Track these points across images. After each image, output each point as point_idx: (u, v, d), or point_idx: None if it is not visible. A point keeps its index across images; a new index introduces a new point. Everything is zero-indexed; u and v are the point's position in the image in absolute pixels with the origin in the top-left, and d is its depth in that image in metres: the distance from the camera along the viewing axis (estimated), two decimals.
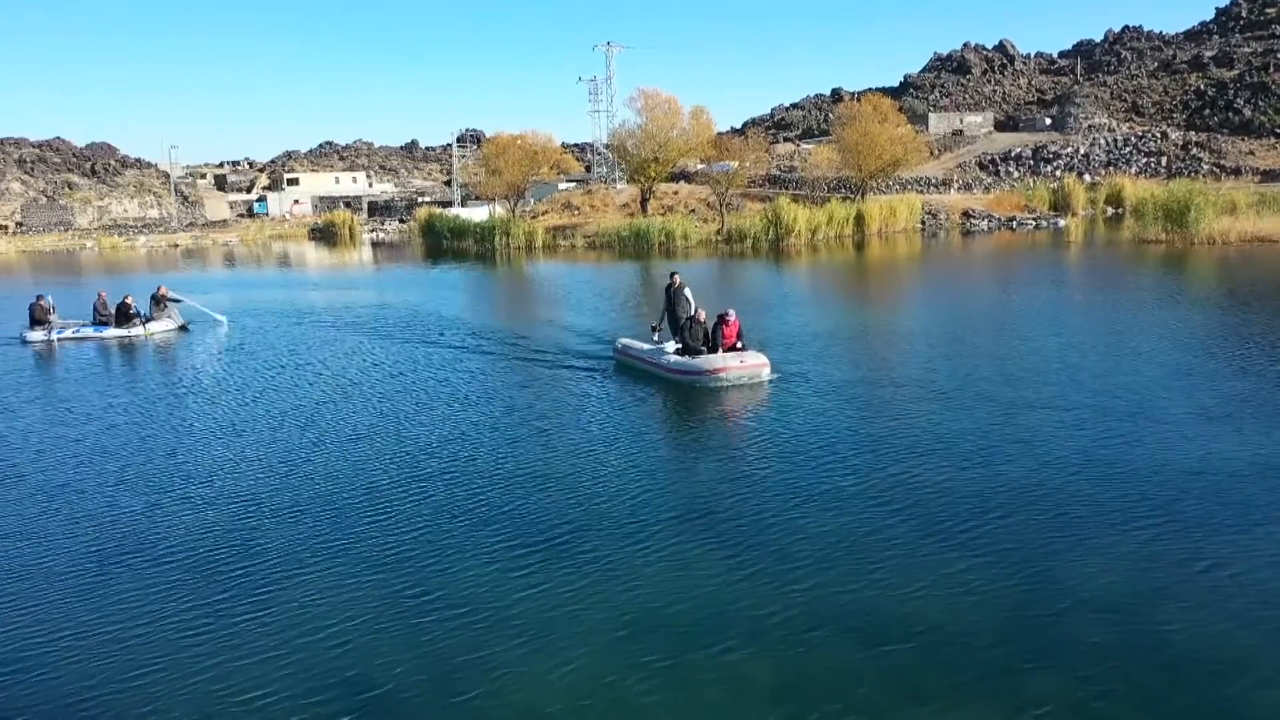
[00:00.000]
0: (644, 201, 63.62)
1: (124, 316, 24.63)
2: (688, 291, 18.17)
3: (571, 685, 6.84)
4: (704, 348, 16.52)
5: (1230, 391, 14.64)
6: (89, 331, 24.43)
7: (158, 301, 25.57)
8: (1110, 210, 64.43)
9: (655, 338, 18.01)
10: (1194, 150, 78.96)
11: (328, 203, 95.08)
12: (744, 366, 16.21)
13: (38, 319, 24.44)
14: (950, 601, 8.00)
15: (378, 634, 7.68)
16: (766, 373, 16.21)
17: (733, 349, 16.60)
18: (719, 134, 69.78)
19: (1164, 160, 78.09)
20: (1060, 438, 12.38)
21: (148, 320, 24.92)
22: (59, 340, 23.89)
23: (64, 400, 17.30)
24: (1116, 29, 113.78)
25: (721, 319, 16.68)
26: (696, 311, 17.05)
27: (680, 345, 16.93)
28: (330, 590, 8.54)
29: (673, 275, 18.53)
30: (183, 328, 25.41)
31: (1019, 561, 8.76)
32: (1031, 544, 9.16)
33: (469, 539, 9.68)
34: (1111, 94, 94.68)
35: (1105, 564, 8.64)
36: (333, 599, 8.35)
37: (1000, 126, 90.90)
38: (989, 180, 75.72)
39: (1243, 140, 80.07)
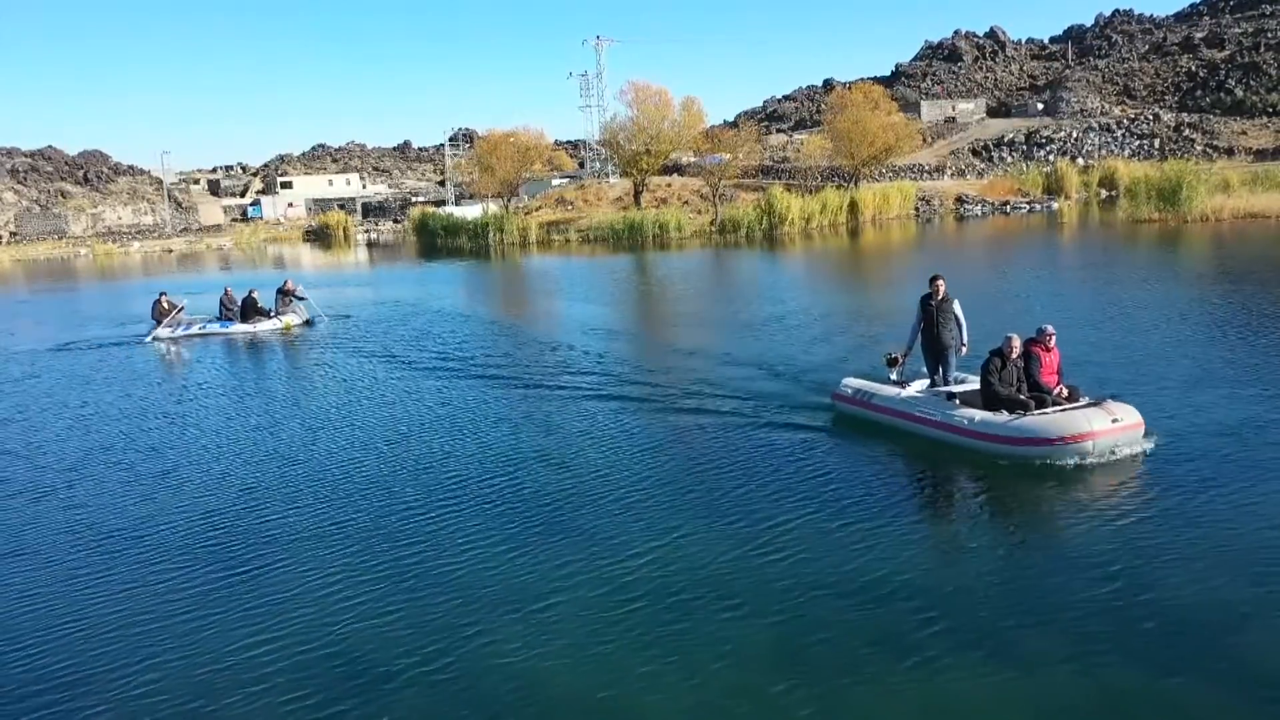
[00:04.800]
0: (637, 195, 63.59)
1: (249, 312, 24.63)
2: (957, 307, 12.02)
3: (570, 655, 6.81)
4: (1024, 395, 10.61)
5: (1233, 357, 14.69)
6: (215, 328, 24.50)
7: (284, 296, 25.50)
8: (1104, 193, 64.48)
9: (894, 375, 12.49)
10: (1186, 132, 78.86)
11: (322, 205, 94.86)
12: (1119, 429, 10.18)
13: (160, 317, 24.56)
14: (946, 563, 8.00)
15: (378, 610, 7.68)
16: (1141, 434, 10.42)
17: (1063, 396, 10.75)
18: (711, 127, 69.79)
19: (1157, 142, 77.99)
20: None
21: (275, 315, 24.84)
22: (185, 337, 23.95)
23: (126, 396, 17.24)
24: (1107, 13, 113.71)
25: (1036, 341, 10.90)
26: (1008, 341, 10.81)
27: (983, 395, 10.92)
28: (333, 572, 8.60)
29: (934, 281, 12.14)
30: (308, 323, 25.23)
31: (1013, 522, 8.74)
32: (1025, 505, 9.15)
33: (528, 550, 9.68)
34: (1103, 78, 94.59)
35: (1099, 523, 8.62)
36: (335, 581, 8.40)
37: (992, 113, 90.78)
38: (982, 166, 75.66)
39: (1235, 121, 79.96)
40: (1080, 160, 74.24)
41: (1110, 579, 7.47)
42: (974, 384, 11.42)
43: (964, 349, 12.09)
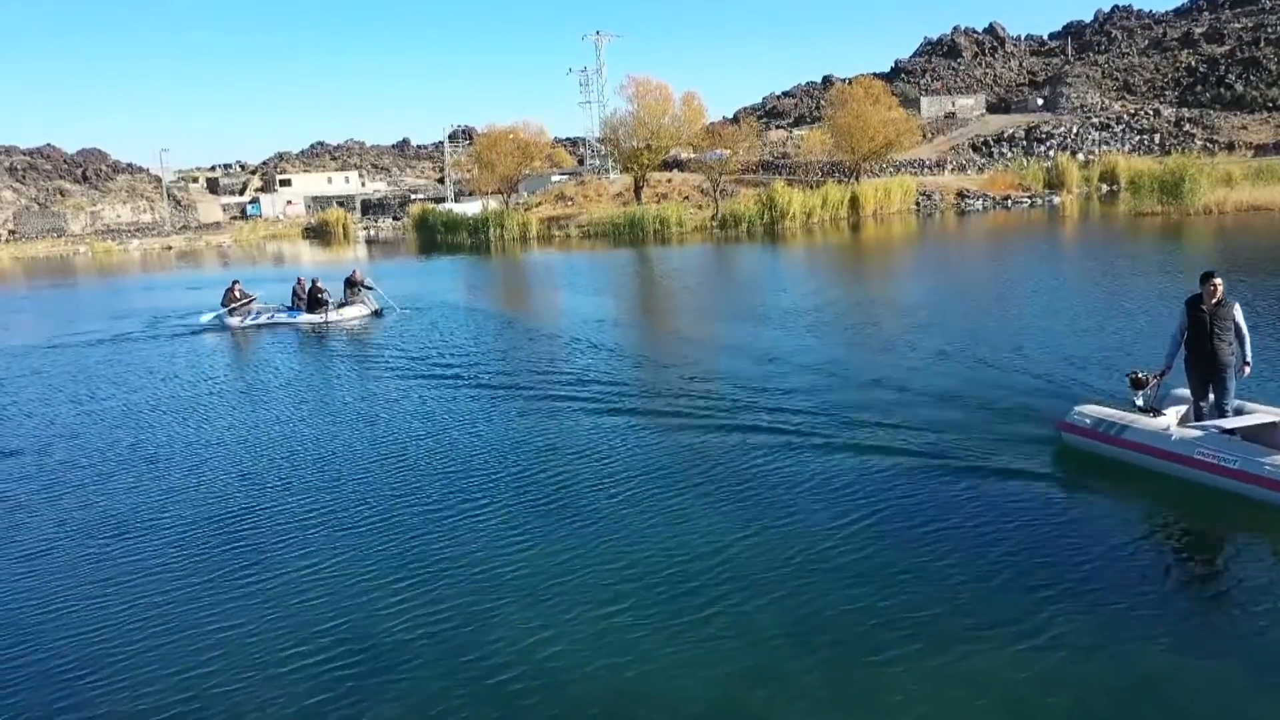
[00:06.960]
0: (637, 190, 63.52)
1: (316, 302, 24.50)
2: (1238, 313, 9.31)
3: (577, 637, 6.72)
4: None
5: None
6: (282, 317, 24.44)
7: (352, 287, 25.31)
8: (1104, 188, 64.51)
9: (1139, 401, 9.71)
10: (1186, 127, 78.96)
11: (321, 203, 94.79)
12: None
13: (230, 303, 24.56)
14: (962, 540, 7.91)
15: (397, 600, 7.56)
16: None
17: None
18: (711, 122, 69.73)
19: (1157, 137, 78.09)
20: (1062, 384, 12.32)
21: (342, 305, 24.70)
22: (255, 325, 23.90)
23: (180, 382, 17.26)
24: (1106, 8, 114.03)
25: None
26: None
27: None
28: (352, 563, 8.51)
29: (1209, 280, 9.26)
30: (376, 313, 24.94)
31: (1032, 503, 8.60)
32: (1042, 484, 9.03)
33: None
34: (1103, 73, 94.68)
35: (1119, 498, 8.50)
36: (352, 571, 8.29)
37: (992, 109, 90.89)
38: (982, 161, 75.68)
39: (1235, 115, 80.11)
40: (1080, 155, 74.27)
41: None
42: (1263, 415, 8.92)
43: (1246, 368, 9.27)
